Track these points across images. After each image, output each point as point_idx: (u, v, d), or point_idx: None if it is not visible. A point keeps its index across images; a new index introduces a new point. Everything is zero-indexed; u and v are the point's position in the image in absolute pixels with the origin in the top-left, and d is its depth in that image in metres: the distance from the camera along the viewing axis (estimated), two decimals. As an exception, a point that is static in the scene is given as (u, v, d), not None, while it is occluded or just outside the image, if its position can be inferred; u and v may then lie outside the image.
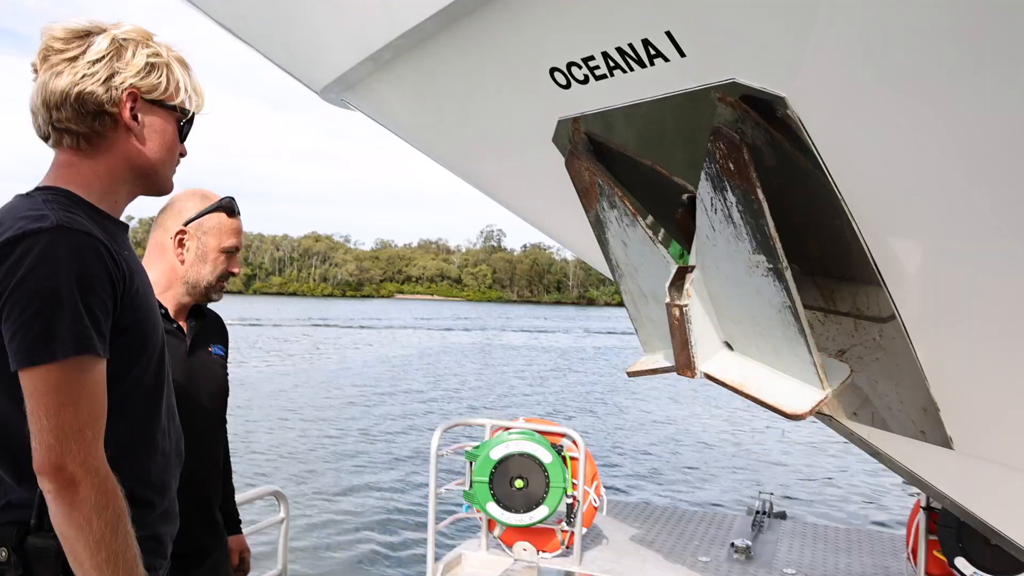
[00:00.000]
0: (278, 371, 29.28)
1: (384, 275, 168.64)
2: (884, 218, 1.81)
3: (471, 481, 5.63)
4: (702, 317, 2.28)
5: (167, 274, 2.43)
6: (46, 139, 1.74)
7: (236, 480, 2.85)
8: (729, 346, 2.36)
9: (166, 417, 1.82)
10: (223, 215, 2.48)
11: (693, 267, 2.23)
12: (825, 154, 1.75)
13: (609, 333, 60.06)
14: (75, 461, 1.51)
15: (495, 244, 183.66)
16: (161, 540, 1.80)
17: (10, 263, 1.53)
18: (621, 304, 2.80)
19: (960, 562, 4.69)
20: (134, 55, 1.72)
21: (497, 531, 5.81)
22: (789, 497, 12.31)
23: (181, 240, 2.44)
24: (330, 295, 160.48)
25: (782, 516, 7.55)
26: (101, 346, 1.58)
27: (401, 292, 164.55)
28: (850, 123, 1.68)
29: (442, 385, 27.48)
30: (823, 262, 2.12)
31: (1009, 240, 1.59)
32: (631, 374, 2.72)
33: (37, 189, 1.70)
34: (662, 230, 2.60)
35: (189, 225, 2.44)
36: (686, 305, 2.22)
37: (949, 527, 4.68)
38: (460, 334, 56.90)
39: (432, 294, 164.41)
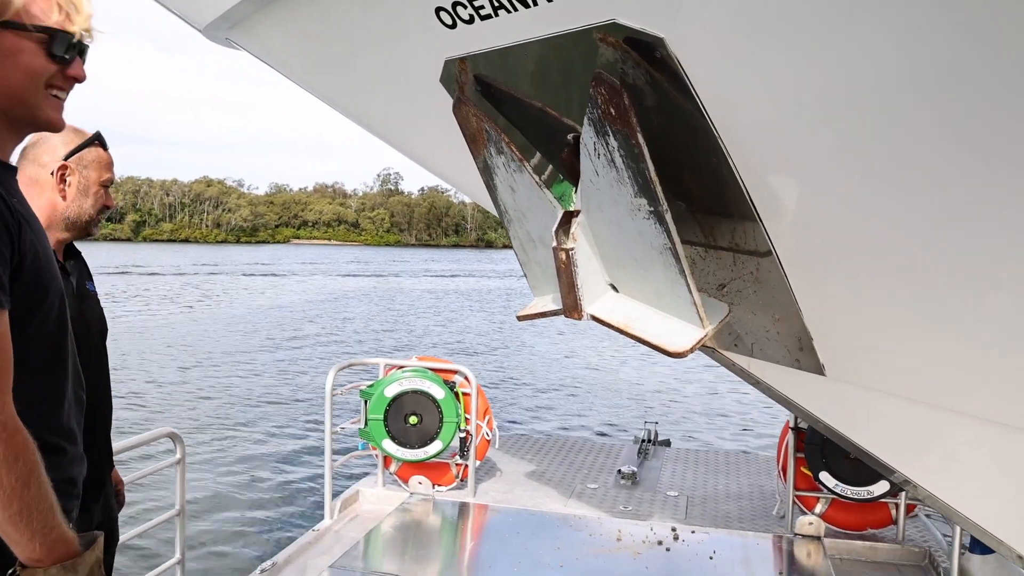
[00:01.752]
0: (170, 319, 28.29)
1: (280, 220, 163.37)
2: (759, 157, 1.87)
3: (366, 419, 5.64)
4: (588, 260, 2.30)
5: (46, 211, 2.33)
6: None
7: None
8: (615, 288, 2.39)
9: (71, 363, 1.77)
10: (99, 149, 2.43)
11: (579, 211, 2.25)
12: (703, 94, 1.78)
13: (505, 276, 60.41)
14: None
15: (392, 188, 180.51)
16: (75, 482, 1.78)
17: None
18: None
19: (824, 475, 5.03)
20: None
21: (393, 467, 5.86)
22: (674, 425, 12.84)
23: (63, 175, 2.36)
24: (224, 241, 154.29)
25: (666, 444, 7.89)
26: (2, 297, 1.50)
27: (298, 237, 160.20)
28: (727, 64, 1.72)
29: (340, 329, 27.17)
30: (703, 200, 2.18)
31: (877, 178, 1.67)
32: (521, 318, 2.74)
33: None
34: (548, 173, 2.61)
35: (70, 160, 2.36)
36: (572, 249, 2.24)
37: (814, 445, 5.00)
38: (358, 278, 56.15)
39: (329, 239, 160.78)
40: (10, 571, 1.57)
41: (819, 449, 5.00)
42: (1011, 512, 2.25)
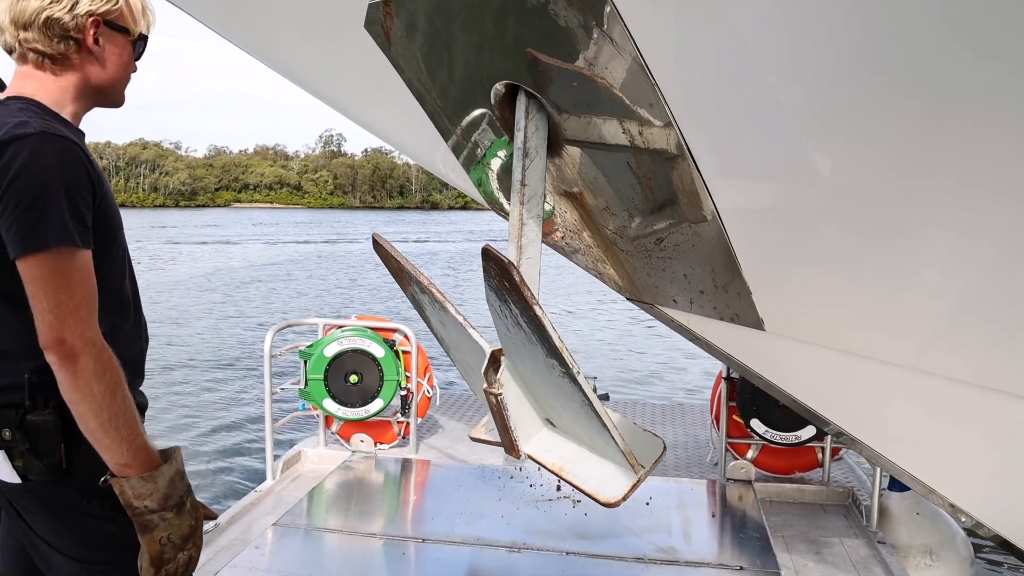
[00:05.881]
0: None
1: (220, 183, 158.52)
2: (697, 105, 1.80)
3: (306, 379, 5.52)
4: (518, 401, 2.29)
5: None
6: (10, 52, 1.84)
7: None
8: (551, 422, 2.38)
9: (136, 302, 1.97)
10: None
11: (503, 354, 2.21)
12: (648, 55, 1.70)
13: (448, 240, 59.98)
14: (73, 334, 1.65)
15: (335, 149, 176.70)
16: (142, 409, 1.93)
17: (1, 164, 1.65)
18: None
19: (755, 423, 5.11)
20: None
21: (335, 426, 5.77)
22: (612, 380, 12.98)
23: None
24: (162, 205, 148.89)
25: (605, 397, 7.93)
26: (86, 238, 1.71)
27: (239, 200, 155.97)
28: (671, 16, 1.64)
29: (281, 291, 26.71)
30: (640, 151, 2.11)
31: (811, 127, 1.62)
32: (473, 439, 2.76)
33: (8, 99, 1.80)
34: (467, 152, 2.50)
35: None
36: (500, 394, 2.22)
37: (746, 394, 5.07)
38: (301, 241, 55.17)
39: (272, 202, 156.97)
40: (102, 479, 1.76)
41: (750, 398, 5.08)
42: (930, 454, 2.29)
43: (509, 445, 2.32)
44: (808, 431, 5.06)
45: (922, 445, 2.30)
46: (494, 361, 2.21)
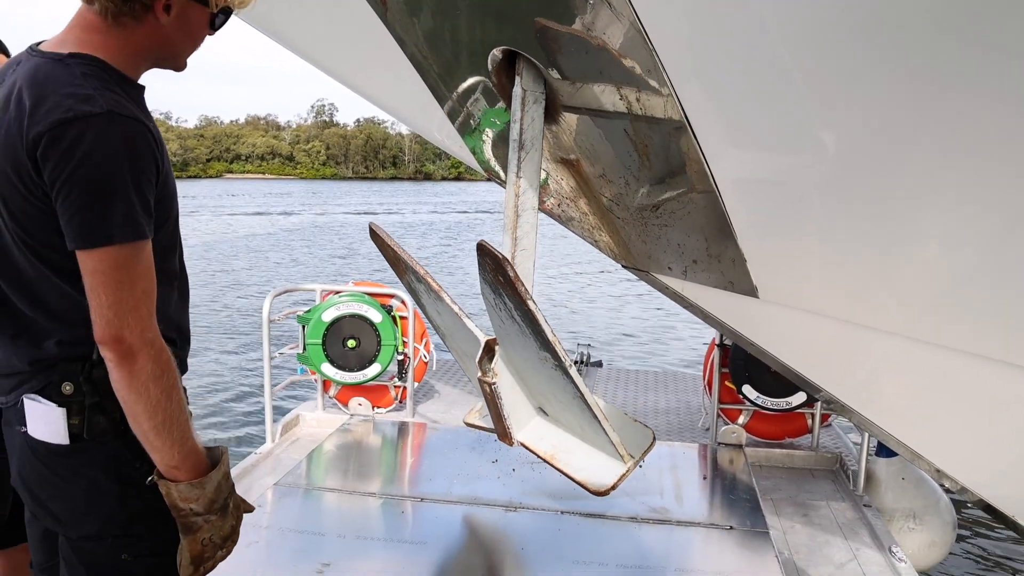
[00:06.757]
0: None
1: (211, 154, 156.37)
2: (694, 71, 1.80)
3: (304, 344, 5.55)
4: (512, 390, 2.31)
5: None
6: None
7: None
8: (544, 411, 2.41)
9: (180, 271, 1.90)
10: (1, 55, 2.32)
11: (496, 343, 2.23)
12: (646, 21, 1.69)
13: (444, 210, 59.74)
14: (133, 333, 1.58)
15: (327, 119, 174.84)
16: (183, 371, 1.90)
17: (65, 146, 1.53)
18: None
19: (746, 389, 5.17)
20: None
21: (332, 391, 5.80)
22: (606, 347, 13.04)
23: None
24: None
25: (599, 364, 8.00)
26: (150, 228, 1.63)
27: (231, 171, 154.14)
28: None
29: (277, 260, 26.66)
30: (636, 117, 2.11)
31: (807, 95, 1.62)
32: (467, 424, 2.81)
33: (71, 56, 1.64)
34: (461, 118, 2.47)
35: None
36: (494, 383, 2.24)
37: (738, 360, 5.12)
38: (294, 212, 54.90)
39: (264, 172, 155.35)
40: (149, 479, 1.70)
41: (742, 364, 5.12)
42: (919, 420, 2.32)
43: (502, 432, 2.37)
44: (799, 397, 5.13)
45: (911, 412, 2.33)
46: (488, 351, 2.24)
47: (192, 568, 1.77)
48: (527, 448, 2.40)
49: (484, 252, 1.89)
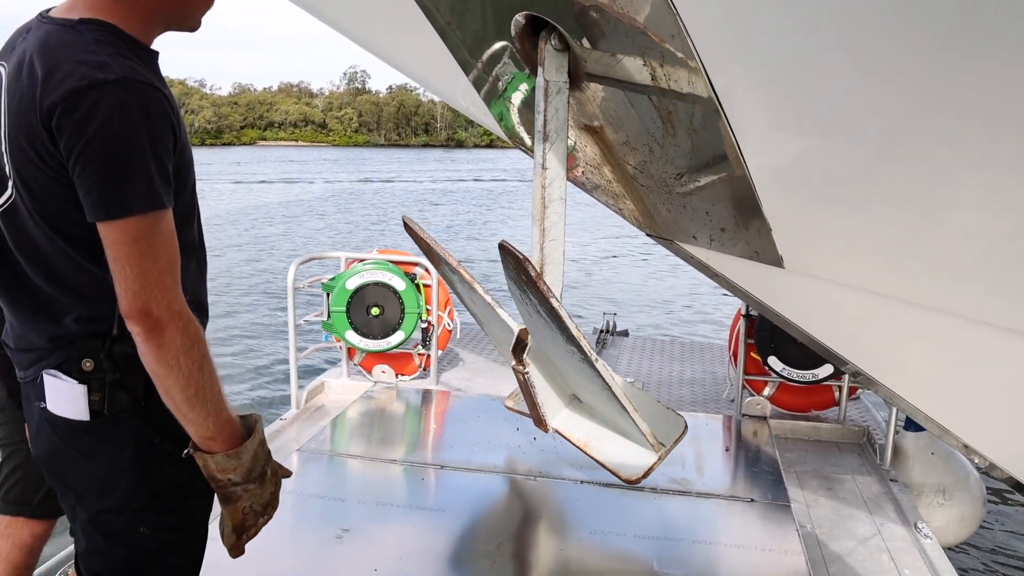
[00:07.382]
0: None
1: (244, 121, 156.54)
2: (720, 42, 1.74)
3: (329, 311, 5.57)
4: (545, 379, 2.32)
5: None
6: None
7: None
8: (578, 398, 2.41)
9: (199, 241, 1.86)
10: None
11: (528, 335, 2.23)
12: None
13: (475, 180, 59.50)
14: (160, 306, 1.54)
15: (359, 86, 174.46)
16: None
17: (80, 115, 1.49)
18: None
19: (772, 360, 5.10)
20: None
21: (357, 358, 5.83)
22: (631, 315, 12.97)
23: None
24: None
25: (624, 334, 7.94)
26: (169, 197, 1.59)
27: (264, 139, 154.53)
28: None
29: (306, 227, 26.82)
30: (660, 86, 2.05)
31: (839, 67, 1.55)
32: (507, 408, 2.83)
33: (82, 22, 1.59)
34: (487, 86, 2.45)
35: None
36: (527, 372, 2.24)
37: (764, 331, 5.05)
38: (327, 177, 55.10)
39: (297, 140, 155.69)
40: (185, 451, 1.69)
41: (768, 335, 5.05)
42: (947, 394, 2.27)
43: (537, 419, 2.40)
44: (825, 370, 5.04)
45: (939, 386, 2.27)
46: (520, 341, 2.25)
47: (235, 537, 1.77)
48: (561, 435, 2.42)
49: (506, 252, 1.91)
